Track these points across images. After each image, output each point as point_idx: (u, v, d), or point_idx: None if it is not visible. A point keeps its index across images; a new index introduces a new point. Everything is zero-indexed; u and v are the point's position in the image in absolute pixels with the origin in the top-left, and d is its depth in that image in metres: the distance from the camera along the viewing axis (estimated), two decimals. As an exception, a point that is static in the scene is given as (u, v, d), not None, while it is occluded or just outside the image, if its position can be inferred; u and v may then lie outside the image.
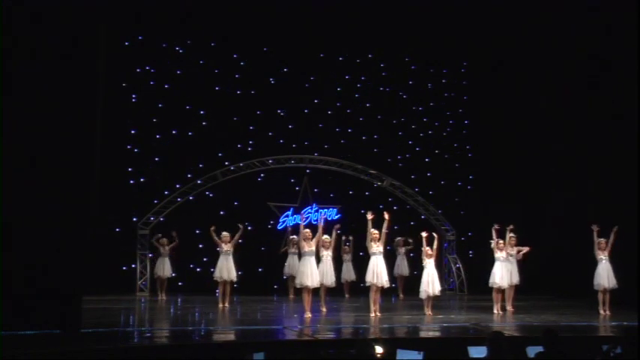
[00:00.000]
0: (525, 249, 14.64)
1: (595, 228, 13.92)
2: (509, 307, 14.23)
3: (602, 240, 13.90)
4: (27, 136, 9.93)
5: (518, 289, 14.77)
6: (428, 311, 13.31)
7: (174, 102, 18.85)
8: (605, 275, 13.77)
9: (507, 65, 19.50)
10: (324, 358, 8.82)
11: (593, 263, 14.11)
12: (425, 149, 20.88)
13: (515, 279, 14.39)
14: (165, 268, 16.46)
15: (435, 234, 14.14)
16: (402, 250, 18.06)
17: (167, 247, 16.50)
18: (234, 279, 14.56)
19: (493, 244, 13.93)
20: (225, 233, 14.70)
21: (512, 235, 14.39)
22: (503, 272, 13.83)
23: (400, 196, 19.73)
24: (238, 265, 15.08)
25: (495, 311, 13.69)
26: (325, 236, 13.24)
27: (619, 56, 16.03)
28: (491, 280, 13.89)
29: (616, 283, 13.85)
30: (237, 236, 14.76)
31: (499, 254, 13.89)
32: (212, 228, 14.73)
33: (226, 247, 14.51)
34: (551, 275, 17.16)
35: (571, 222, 17.71)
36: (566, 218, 17.89)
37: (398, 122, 20.74)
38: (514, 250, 14.45)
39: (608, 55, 16.40)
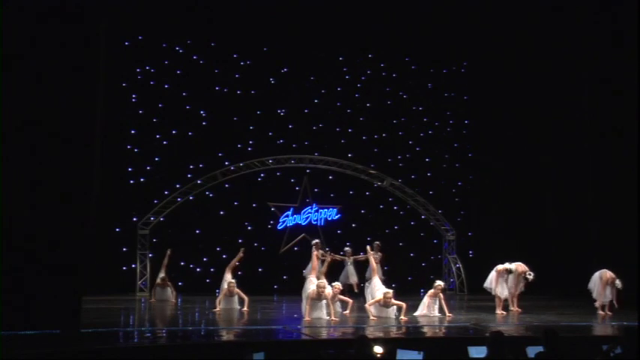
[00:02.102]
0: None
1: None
2: (513, 308, 14.22)
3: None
4: (27, 136, 9.93)
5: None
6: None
7: (174, 102, 18.85)
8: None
9: (507, 65, 19.48)
10: (324, 358, 8.83)
11: (594, 263, 14.13)
12: (425, 149, 20.88)
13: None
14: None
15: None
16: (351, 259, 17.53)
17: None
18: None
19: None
20: (231, 282, 14.39)
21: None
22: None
23: (400, 196, 19.74)
24: (238, 266, 15.07)
25: (498, 312, 13.66)
26: (336, 283, 13.51)
27: (620, 55, 16.02)
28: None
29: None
30: (235, 261, 14.86)
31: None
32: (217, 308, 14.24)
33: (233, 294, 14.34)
34: (551, 275, 17.15)
35: (571, 221, 17.73)
36: (566, 218, 17.90)
37: (398, 122, 20.74)
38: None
39: (609, 54, 16.40)
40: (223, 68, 19.38)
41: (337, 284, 13.45)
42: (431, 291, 13.32)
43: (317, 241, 16.62)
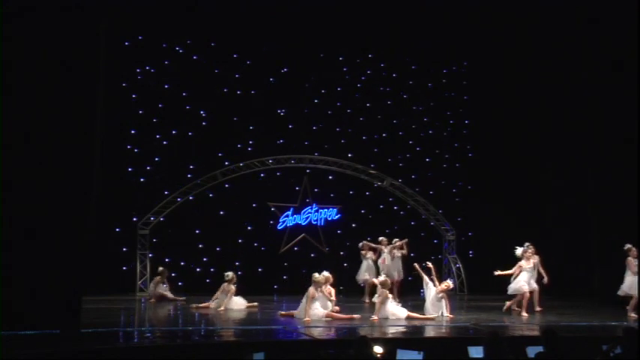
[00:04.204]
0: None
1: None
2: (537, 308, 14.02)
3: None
4: (27, 136, 9.93)
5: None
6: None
7: (174, 102, 18.85)
8: None
9: (507, 65, 19.48)
10: (324, 358, 8.83)
11: (594, 262, 14.11)
12: (425, 149, 20.88)
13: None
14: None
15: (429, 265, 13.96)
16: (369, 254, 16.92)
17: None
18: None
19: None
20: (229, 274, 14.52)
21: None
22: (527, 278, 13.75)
23: (400, 196, 19.74)
24: (238, 266, 15.11)
25: (524, 314, 13.51)
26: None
27: (620, 55, 16.02)
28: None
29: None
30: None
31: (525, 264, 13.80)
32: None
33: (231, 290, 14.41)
34: (552, 275, 17.13)
35: (571, 221, 17.72)
36: (567, 218, 17.88)
37: (398, 122, 20.74)
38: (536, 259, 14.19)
39: (610, 54, 16.39)
40: (223, 68, 19.38)
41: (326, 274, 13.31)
42: (440, 287, 13.28)
43: (364, 243, 16.76)
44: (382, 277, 13.39)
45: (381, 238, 16.79)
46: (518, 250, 13.99)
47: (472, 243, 20.46)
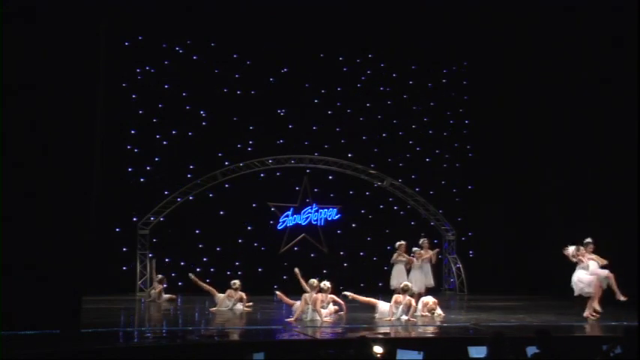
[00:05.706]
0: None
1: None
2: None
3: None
4: (27, 136, 9.92)
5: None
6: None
7: (174, 102, 18.86)
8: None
9: (507, 65, 19.49)
10: (324, 358, 8.83)
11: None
12: (425, 149, 20.89)
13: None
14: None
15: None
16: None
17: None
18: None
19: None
20: (235, 282, 14.41)
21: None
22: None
23: (400, 196, 19.74)
24: (238, 266, 15.11)
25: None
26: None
27: (620, 55, 16.02)
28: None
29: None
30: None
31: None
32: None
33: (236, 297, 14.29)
34: (551, 275, 17.14)
35: (572, 221, 17.71)
36: (567, 217, 17.88)
37: (398, 122, 20.75)
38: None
39: (610, 54, 16.39)
40: (223, 68, 19.39)
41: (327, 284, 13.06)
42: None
43: (403, 242, 15.05)
44: (404, 283, 12.99)
45: (415, 249, 15.21)
46: (571, 249, 13.30)
47: (472, 243, 20.47)
